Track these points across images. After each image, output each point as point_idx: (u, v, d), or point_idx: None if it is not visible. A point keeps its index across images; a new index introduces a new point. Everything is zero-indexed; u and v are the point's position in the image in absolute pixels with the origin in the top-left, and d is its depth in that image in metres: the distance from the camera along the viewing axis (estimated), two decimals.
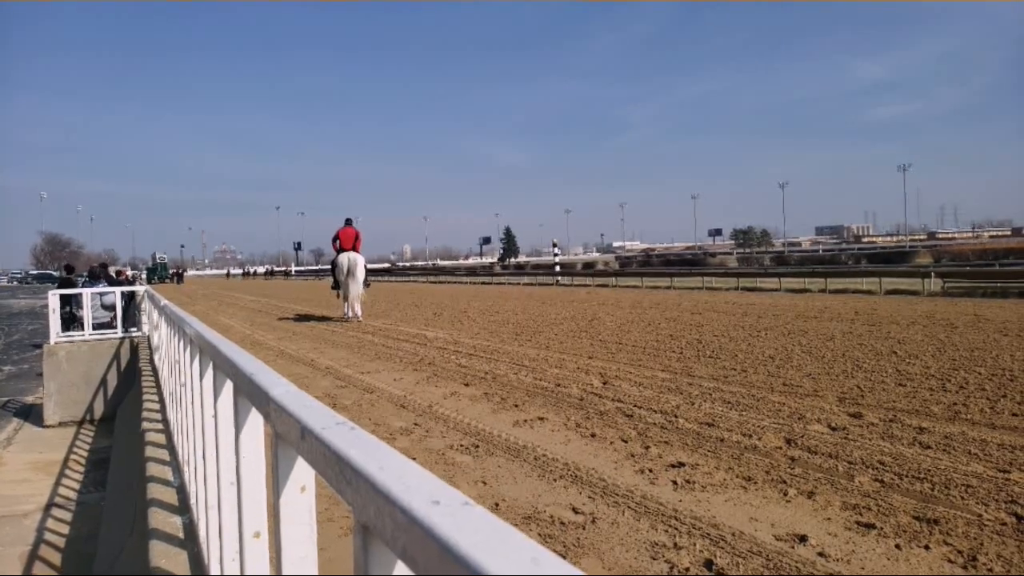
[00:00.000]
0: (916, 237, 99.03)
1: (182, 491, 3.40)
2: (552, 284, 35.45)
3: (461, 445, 5.02)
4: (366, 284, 15.59)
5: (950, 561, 2.94)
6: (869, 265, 36.74)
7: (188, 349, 2.84)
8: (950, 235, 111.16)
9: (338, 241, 15.27)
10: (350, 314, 15.36)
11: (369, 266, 17.75)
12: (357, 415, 6.08)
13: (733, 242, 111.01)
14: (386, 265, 51.85)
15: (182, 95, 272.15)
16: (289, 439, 0.94)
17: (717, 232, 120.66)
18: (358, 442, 0.71)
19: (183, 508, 3.18)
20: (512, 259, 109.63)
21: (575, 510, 3.72)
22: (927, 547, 3.07)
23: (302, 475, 1.01)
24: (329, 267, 18.06)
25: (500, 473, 4.38)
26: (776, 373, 7.23)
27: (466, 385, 7.22)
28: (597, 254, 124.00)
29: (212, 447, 2.04)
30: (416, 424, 5.67)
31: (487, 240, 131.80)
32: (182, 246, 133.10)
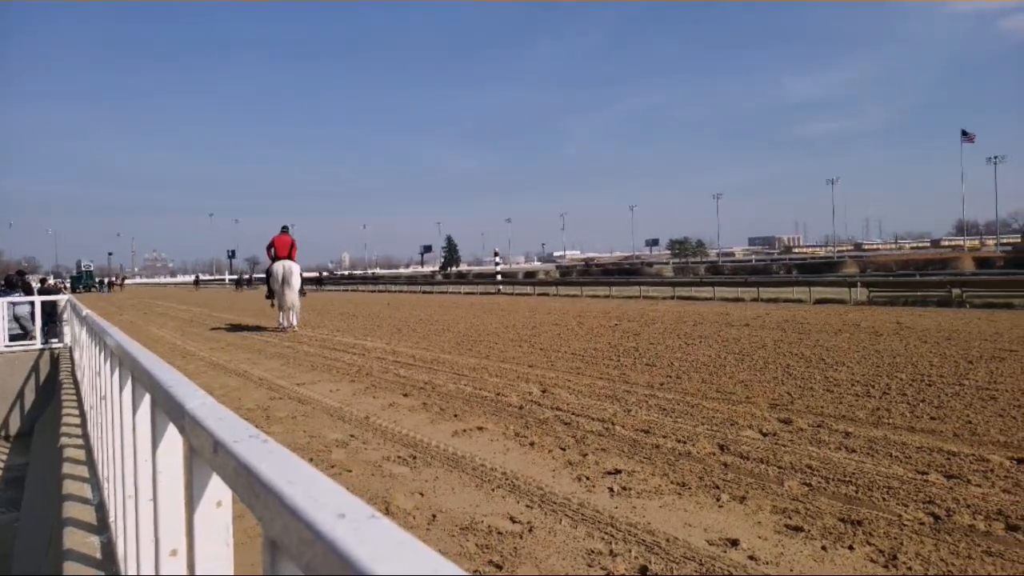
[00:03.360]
0: (843, 248, 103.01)
1: (101, 509, 3.25)
2: (494, 293, 35.49)
3: (399, 456, 4.95)
4: (302, 293, 15.30)
5: (872, 560, 3.05)
6: (799, 275, 38.13)
7: (109, 361, 2.72)
8: (875, 246, 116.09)
9: (273, 249, 14.95)
10: (285, 324, 15.03)
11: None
12: (291, 427, 5.93)
13: (670, 252, 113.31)
14: (315, 275, 50.16)
15: (108, 93, 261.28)
16: (203, 453, 0.90)
17: (654, 242, 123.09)
18: (270, 456, 0.68)
19: (102, 527, 3.03)
20: (453, 268, 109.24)
21: (513, 519, 3.71)
22: (851, 547, 3.18)
23: (217, 490, 0.97)
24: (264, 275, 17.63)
25: (438, 484, 4.34)
26: (710, 380, 7.39)
27: (405, 396, 7.14)
28: (538, 263, 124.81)
29: (131, 463, 1.95)
30: (352, 436, 5.57)
31: (428, 249, 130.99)
32: (110, 253, 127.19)
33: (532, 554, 3.26)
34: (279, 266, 14.58)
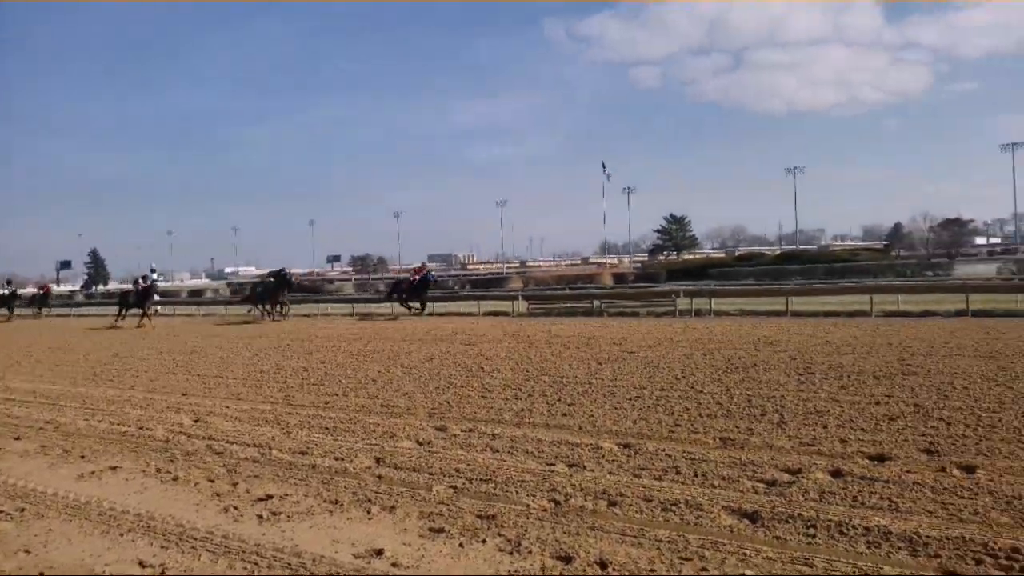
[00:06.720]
0: (512, 265, 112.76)
1: None
2: (151, 314, 31.76)
3: (1, 511, 4.17)
4: None
5: (501, 550, 3.34)
6: (472, 289, 40.74)
7: None
8: (538, 264, 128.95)
9: None
10: None
11: None
12: None
13: (352, 268, 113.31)
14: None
15: None
16: None
17: (336, 258, 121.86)
18: None
19: None
20: (100, 286, 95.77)
21: (143, 564, 3.36)
22: (484, 541, 3.45)
23: None
24: None
25: (51, 537, 3.76)
26: (376, 395, 7.51)
27: (16, 439, 6.07)
28: (207, 280, 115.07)
29: None
30: None
31: (67, 264, 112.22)
32: None
33: None
34: None
